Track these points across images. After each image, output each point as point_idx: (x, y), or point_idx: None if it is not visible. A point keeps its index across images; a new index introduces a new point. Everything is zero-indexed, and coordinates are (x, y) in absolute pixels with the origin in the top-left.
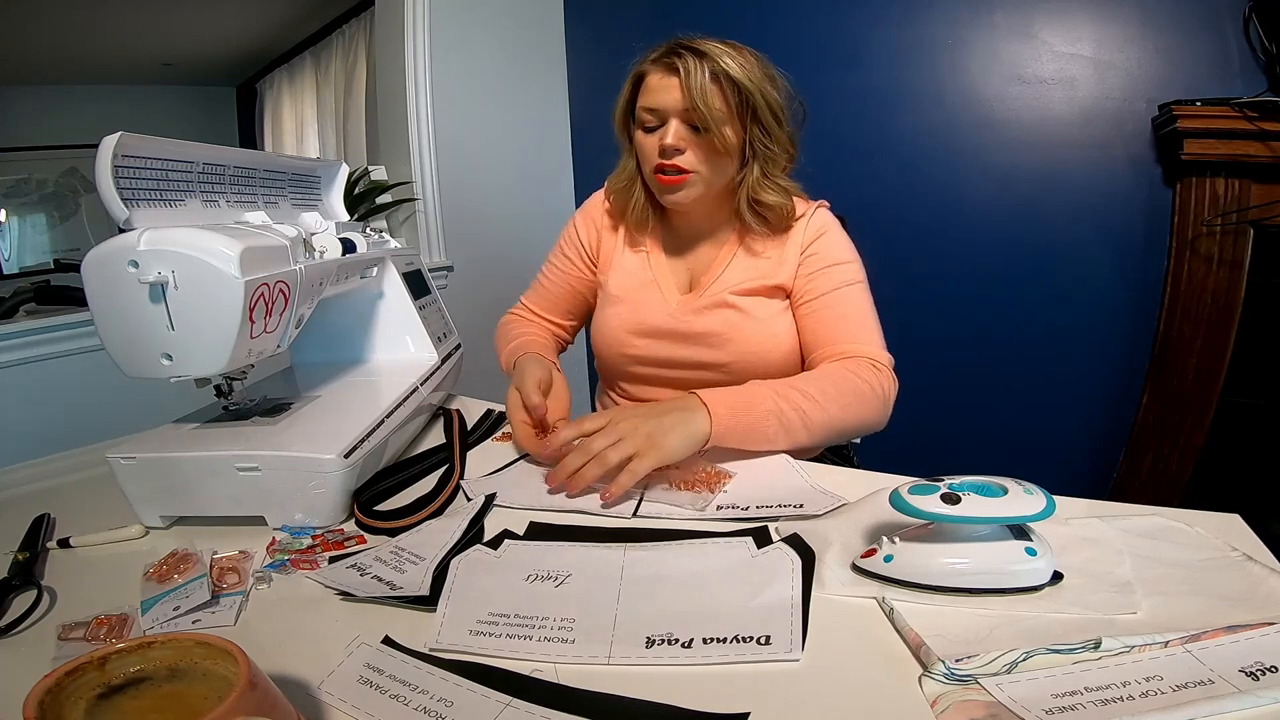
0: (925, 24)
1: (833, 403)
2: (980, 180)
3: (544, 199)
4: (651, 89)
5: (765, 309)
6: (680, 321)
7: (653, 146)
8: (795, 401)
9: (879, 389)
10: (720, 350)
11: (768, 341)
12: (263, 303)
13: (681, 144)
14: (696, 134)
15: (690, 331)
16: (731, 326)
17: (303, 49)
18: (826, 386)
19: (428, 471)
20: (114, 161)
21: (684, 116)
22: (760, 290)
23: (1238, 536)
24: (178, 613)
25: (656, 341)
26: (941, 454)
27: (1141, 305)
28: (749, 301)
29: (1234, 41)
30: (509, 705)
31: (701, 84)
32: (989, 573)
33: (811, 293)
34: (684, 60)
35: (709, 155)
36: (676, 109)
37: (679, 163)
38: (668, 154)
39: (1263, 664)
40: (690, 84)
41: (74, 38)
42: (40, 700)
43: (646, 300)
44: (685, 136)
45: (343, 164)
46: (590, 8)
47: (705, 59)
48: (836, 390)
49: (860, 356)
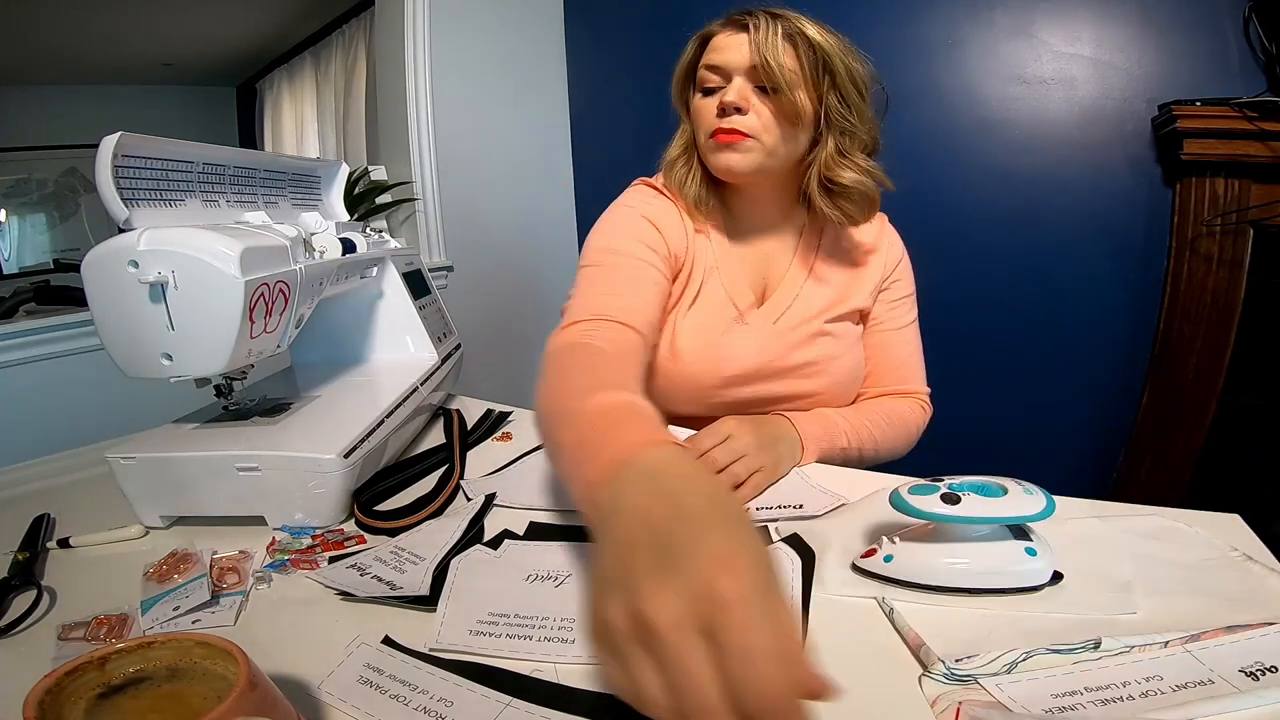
0: (924, 24)
1: (887, 442)
2: (980, 180)
3: (544, 199)
4: (717, 47)
5: (850, 335)
6: (775, 357)
7: (710, 108)
8: (861, 441)
9: (920, 427)
10: (812, 380)
11: (855, 370)
12: (263, 303)
13: (744, 104)
14: (764, 96)
15: (785, 366)
16: (827, 356)
17: (303, 49)
18: (889, 430)
19: (428, 471)
20: (114, 161)
21: (751, 76)
22: (847, 315)
23: (1238, 536)
24: (177, 613)
25: (746, 387)
26: (941, 454)
27: (1141, 305)
28: (839, 328)
29: (1234, 41)
30: (509, 705)
31: (773, 41)
32: (989, 573)
33: (892, 323)
34: (755, 18)
35: (776, 121)
36: (743, 66)
37: (737, 124)
38: (727, 111)
39: (1263, 664)
40: (760, 38)
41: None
42: (40, 700)
43: (731, 342)
44: (749, 98)
45: (343, 164)
46: (590, 8)
47: (780, 19)
48: (894, 433)
49: (915, 396)
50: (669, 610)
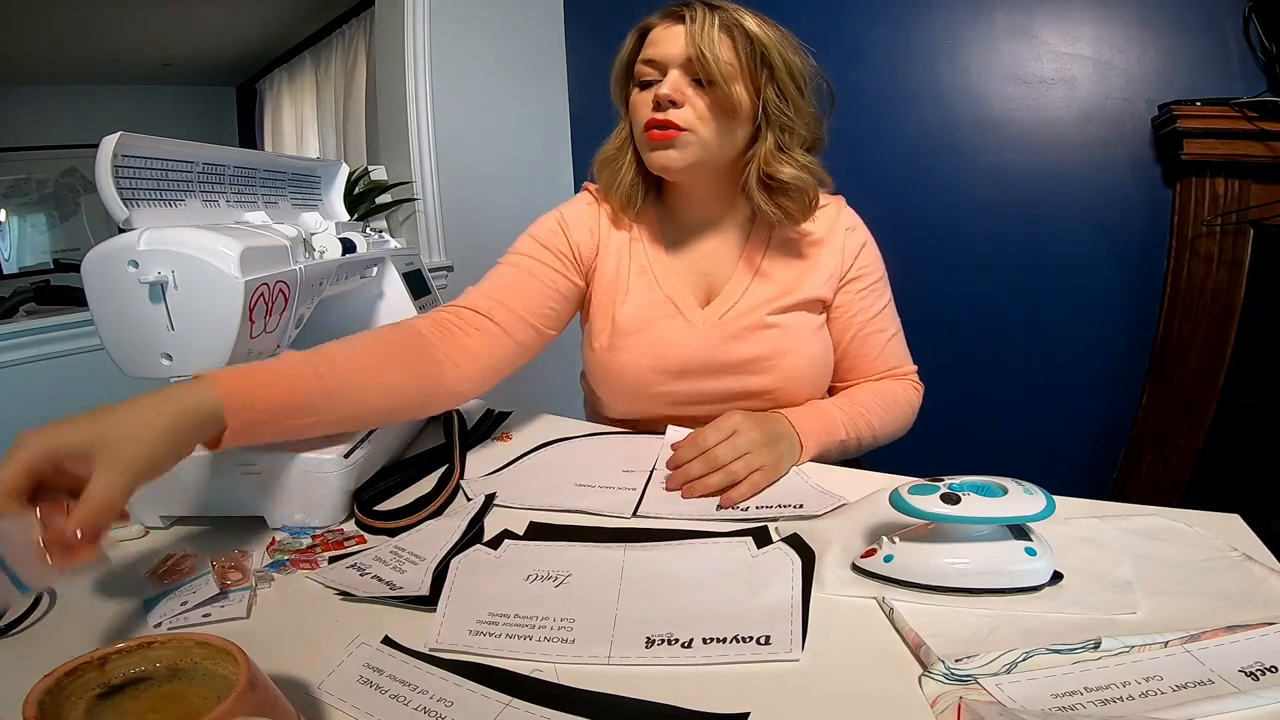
0: (925, 24)
1: (885, 427)
2: (980, 180)
3: (544, 199)
4: (653, 40)
5: (806, 325)
6: (716, 351)
7: (646, 102)
8: (859, 430)
9: (915, 406)
10: (762, 377)
11: (815, 363)
12: (263, 303)
13: (678, 96)
14: (700, 89)
15: (728, 361)
16: (776, 351)
17: (303, 49)
18: (886, 414)
19: (427, 471)
20: (114, 161)
21: (687, 69)
22: (799, 305)
23: (1238, 536)
24: (185, 607)
25: (688, 380)
26: (941, 454)
27: (1141, 305)
28: (789, 318)
29: (1234, 41)
30: (509, 705)
31: (709, 32)
32: (989, 573)
33: (864, 312)
34: (692, 9)
35: (711, 114)
36: (678, 59)
37: (672, 117)
38: (661, 106)
39: (1263, 664)
40: (695, 30)
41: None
42: (40, 700)
43: (668, 332)
44: (684, 90)
45: (343, 164)
46: (590, 8)
47: (718, 10)
48: (891, 416)
49: (904, 377)
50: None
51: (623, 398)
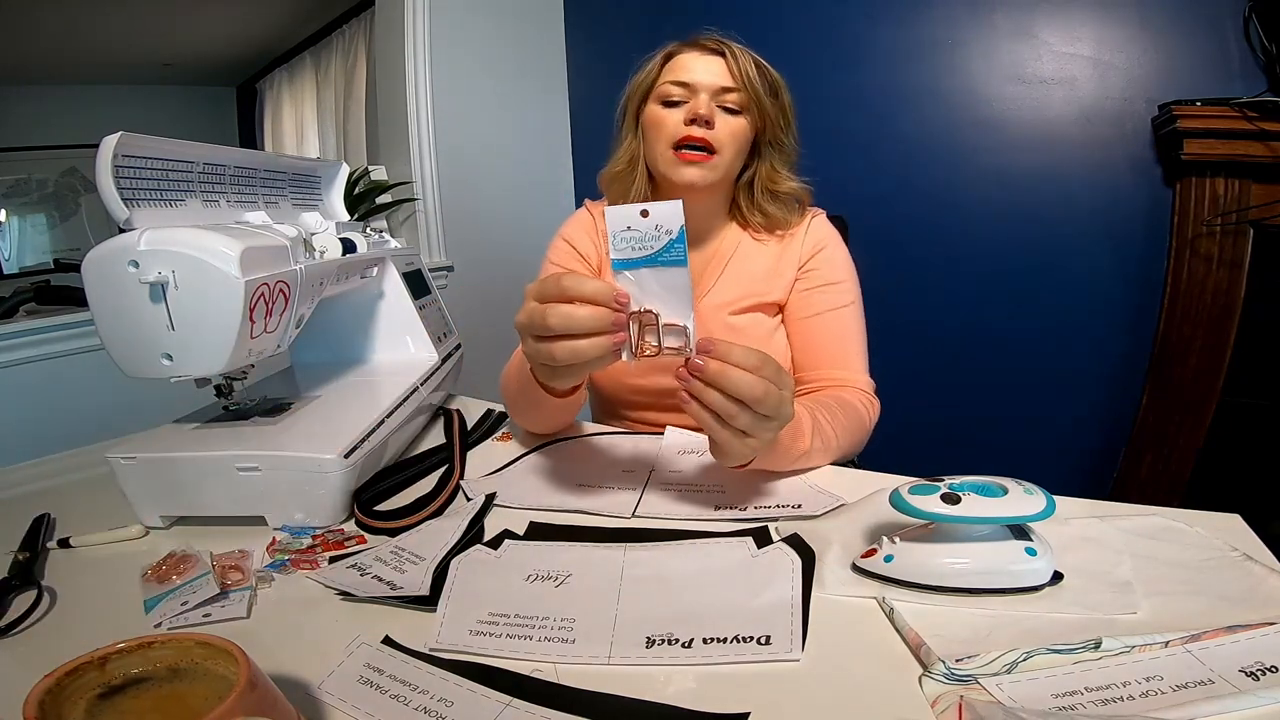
0: (925, 24)
1: (846, 436)
2: (980, 180)
3: (544, 199)
4: (686, 65)
5: (762, 327)
6: None
7: (675, 120)
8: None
9: (871, 422)
10: None
11: None
12: (263, 303)
13: (713, 117)
14: (723, 114)
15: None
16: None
17: (303, 49)
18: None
19: (428, 471)
20: (114, 161)
21: (717, 96)
22: (757, 307)
23: (1238, 536)
24: (185, 607)
25: (654, 371)
26: (941, 454)
27: (1141, 305)
28: (745, 320)
29: (1234, 41)
30: (509, 705)
31: (745, 66)
32: (989, 573)
33: (806, 310)
34: (729, 47)
35: (734, 139)
36: (713, 87)
37: (707, 135)
38: (700, 124)
39: (1263, 664)
40: (737, 65)
41: (74, 38)
42: (40, 700)
43: None
44: (716, 113)
45: (343, 164)
46: (590, 8)
47: (745, 50)
48: (851, 425)
49: (856, 388)
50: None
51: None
